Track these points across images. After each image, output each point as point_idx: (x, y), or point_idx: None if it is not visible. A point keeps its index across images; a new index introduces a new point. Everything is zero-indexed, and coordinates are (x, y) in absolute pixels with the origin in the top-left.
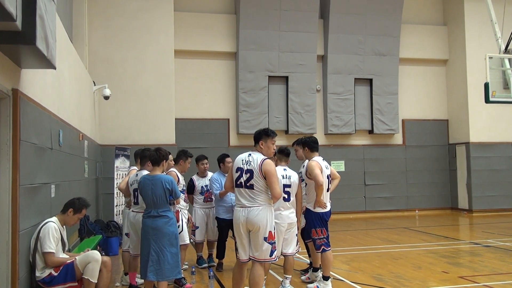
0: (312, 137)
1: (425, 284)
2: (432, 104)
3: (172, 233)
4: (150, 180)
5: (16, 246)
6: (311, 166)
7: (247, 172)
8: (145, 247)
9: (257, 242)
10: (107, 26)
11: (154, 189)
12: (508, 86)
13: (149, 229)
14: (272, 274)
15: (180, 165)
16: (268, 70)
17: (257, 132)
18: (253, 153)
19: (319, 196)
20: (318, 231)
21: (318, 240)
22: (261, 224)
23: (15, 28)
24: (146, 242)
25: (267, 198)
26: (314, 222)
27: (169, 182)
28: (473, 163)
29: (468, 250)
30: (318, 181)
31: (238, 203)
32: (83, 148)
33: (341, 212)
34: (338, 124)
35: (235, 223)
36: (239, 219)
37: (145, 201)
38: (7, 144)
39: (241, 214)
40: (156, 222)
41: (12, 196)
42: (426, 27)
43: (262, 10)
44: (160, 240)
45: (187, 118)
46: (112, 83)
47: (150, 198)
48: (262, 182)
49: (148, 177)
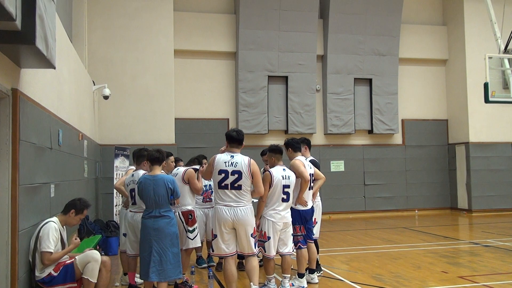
0: (295, 138)
1: (424, 284)
2: (432, 104)
3: (173, 233)
4: (151, 180)
5: (16, 246)
6: (295, 164)
7: (234, 173)
8: (146, 248)
9: (245, 239)
10: (106, 26)
11: (156, 189)
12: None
13: (150, 230)
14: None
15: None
16: (268, 70)
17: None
18: (235, 154)
19: (302, 192)
20: (296, 228)
21: (295, 237)
22: (250, 223)
23: (15, 27)
24: (147, 243)
25: (249, 197)
26: (294, 219)
27: (171, 182)
28: (473, 163)
29: (468, 250)
30: (305, 177)
31: (221, 203)
32: (83, 148)
33: (340, 212)
34: (337, 124)
35: (219, 221)
36: (227, 218)
37: (146, 202)
38: (6, 143)
39: (227, 213)
40: (158, 223)
41: (11, 196)
42: (426, 27)
43: (261, 10)
44: (162, 240)
45: (186, 118)
46: (112, 83)
47: (152, 198)
48: (249, 182)
49: (149, 177)
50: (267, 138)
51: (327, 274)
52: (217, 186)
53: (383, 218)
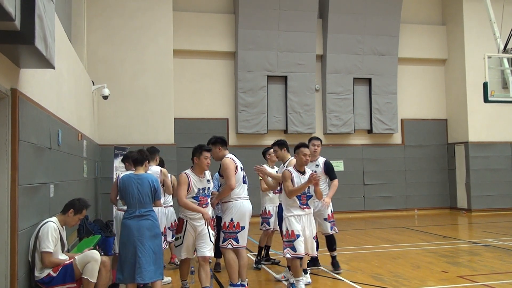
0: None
1: (424, 283)
2: (431, 103)
3: (158, 234)
4: (136, 178)
5: (15, 246)
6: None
7: (242, 170)
8: (129, 249)
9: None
10: (106, 26)
11: (141, 188)
12: (507, 86)
13: (134, 230)
14: (274, 275)
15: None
16: (267, 69)
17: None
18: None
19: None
20: None
21: None
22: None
23: (14, 27)
24: (130, 244)
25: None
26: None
27: (156, 182)
28: (472, 163)
29: (467, 249)
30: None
31: (243, 196)
32: (82, 148)
33: (340, 212)
34: (337, 123)
35: (245, 212)
36: (249, 209)
37: (129, 200)
38: (6, 144)
39: (248, 205)
40: (142, 223)
41: (11, 196)
42: (425, 26)
43: (261, 9)
44: (147, 240)
45: (186, 117)
46: (111, 83)
47: (136, 197)
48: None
49: (133, 175)
50: (266, 138)
51: (327, 274)
52: (240, 182)
53: (382, 217)
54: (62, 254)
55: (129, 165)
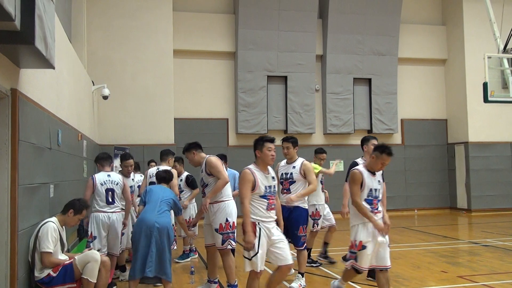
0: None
1: (424, 283)
2: (431, 103)
3: (171, 234)
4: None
5: (15, 246)
6: (311, 167)
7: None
8: (144, 245)
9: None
10: (106, 26)
11: (164, 192)
12: (506, 86)
13: (151, 227)
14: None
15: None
16: (267, 70)
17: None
18: None
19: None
20: (304, 228)
21: (303, 237)
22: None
23: (14, 28)
24: (146, 239)
25: None
26: (305, 219)
27: (175, 197)
28: (472, 163)
29: (467, 249)
30: (316, 183)
31: (231, 196)
32: (82, 148)
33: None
34: (337, 123)
35: (236, 211)
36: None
37: (152, 202)
38: (6, 144)
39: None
40: (160, 219)
41: (11, 196)
42: (425, 27)
43: (261, 9)
44: (162, 237)
45: (186, 117)
46: (111, 83)
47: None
48: None
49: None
50: None
51: (327, 274)
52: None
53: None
54: (62, 254)
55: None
